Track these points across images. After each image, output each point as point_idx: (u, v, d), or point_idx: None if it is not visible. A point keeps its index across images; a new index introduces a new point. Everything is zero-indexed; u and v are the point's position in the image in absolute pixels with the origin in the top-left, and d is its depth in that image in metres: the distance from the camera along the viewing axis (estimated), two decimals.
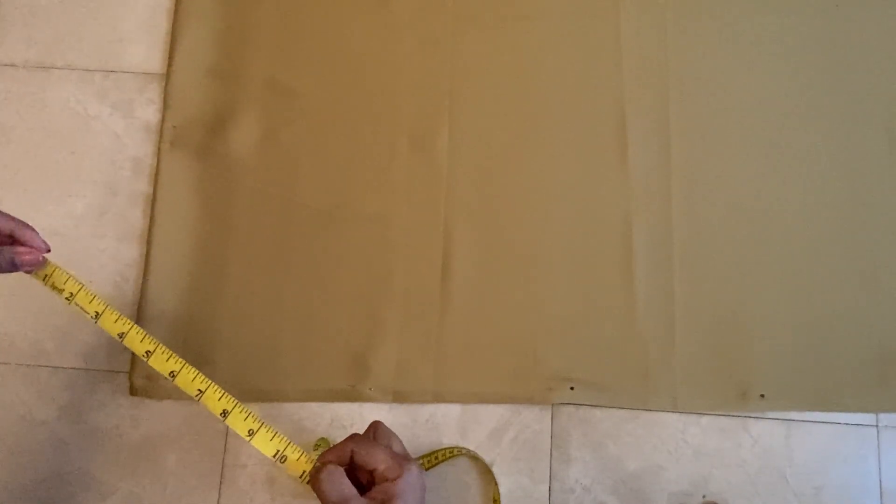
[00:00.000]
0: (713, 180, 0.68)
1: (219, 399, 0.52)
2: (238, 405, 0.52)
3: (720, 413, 0.65)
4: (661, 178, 0.68)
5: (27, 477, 0.64)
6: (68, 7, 0.73)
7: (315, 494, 0.46)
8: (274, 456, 0.50)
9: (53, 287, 0.52)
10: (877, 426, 0.65)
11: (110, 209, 0.69)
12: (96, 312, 0.52)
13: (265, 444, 0.51)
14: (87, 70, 0.72)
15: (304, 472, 0.50)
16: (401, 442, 0.49)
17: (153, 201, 0.68)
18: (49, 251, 0.50)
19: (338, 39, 0.71)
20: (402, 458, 0.46)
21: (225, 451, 0.64)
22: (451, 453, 0.63)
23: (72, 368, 0.66)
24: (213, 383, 0.52)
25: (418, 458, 0.63)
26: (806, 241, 0.67)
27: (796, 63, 0.71)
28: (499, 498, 0.62)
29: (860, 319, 0.66)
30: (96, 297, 0.53)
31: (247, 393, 0.64)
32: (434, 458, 0.63)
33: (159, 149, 0.69)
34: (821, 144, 0.69)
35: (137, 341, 0.53)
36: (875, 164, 0.69)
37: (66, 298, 0.52)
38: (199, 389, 0.52)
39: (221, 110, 0.70)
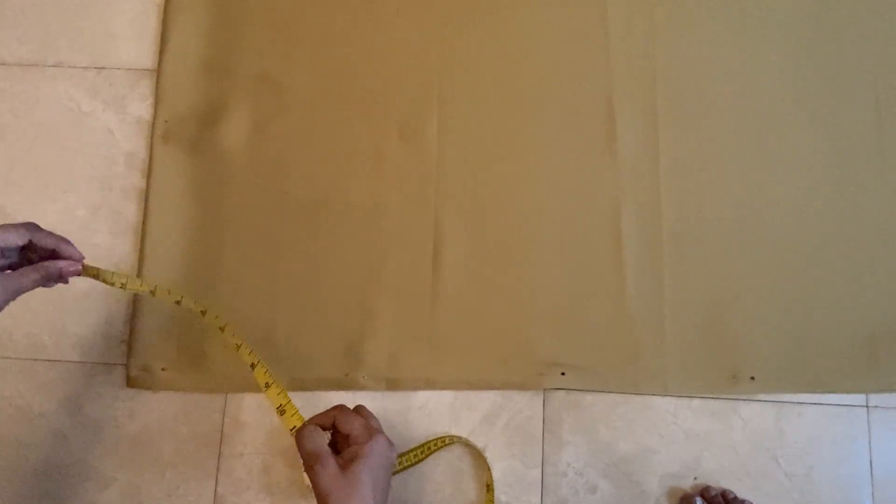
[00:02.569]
0: (701, 165, 0.69)
1: (249, 353, 0.61)
2: (257, 357, 0.61)
3: (711, 396, 0.65)
4: (650, 163, 0.69)
5: (27, 469, 0.65)
6: (59, 5, 0.73)
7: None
8: (277, 408, 0.59)
9: (105, 281, 0.55)
10: (867, 406, 0.65)
11: (104, 204, 0.69)
12: (150, 291, 0.60)
13: (274, 396, 0.60)
14: (79, 67, 0.72)
15: (294, 426, 0.57)
16: (379, 422, 0.55)
17: (146, 196, 0.69)
18: (83, 259, 0.53)
19: (326, 32, 0.72)
20: (375, 430, 0.52)
21: (221, 440, 0.65)
22: (444, 442, 0.64)
23: (69, 362, 0.67)
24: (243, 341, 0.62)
25: (410, 450, 0.63)
26: (795, 224, 0.68)
27: (784, 45, 0.71)
28: (492, 483, 0.63)
29: (849, 301, 0.66)
30: (144, 280, 0.64)
31: (241, 383, 0.65)
32: (427, 449, 0.64)
33: (152, 143, 0.70)
34: (809, 129, 0.69)
35: (197, 311, 0.63)
36: (864, 144, 0.69)
37: (121, 286, 0.57)
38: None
39: (213, 104, 0.70)
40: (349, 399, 0.66)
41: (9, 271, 0.50)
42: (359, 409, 0.55)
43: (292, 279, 0.67)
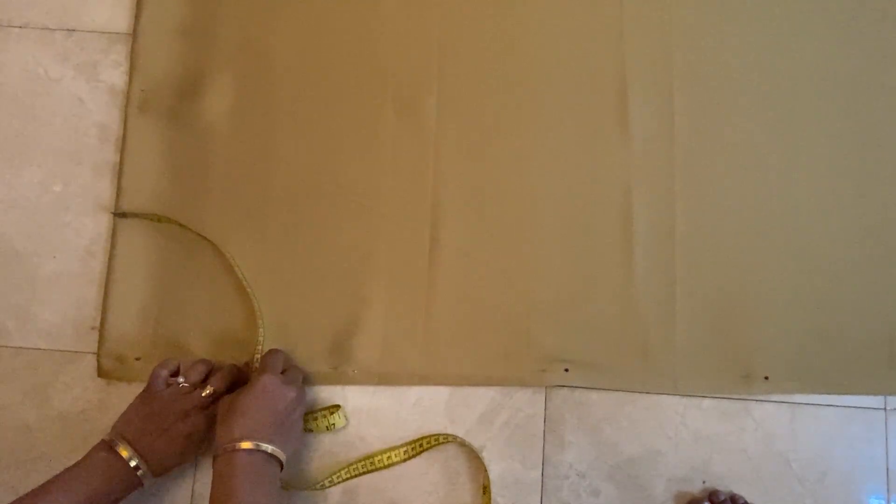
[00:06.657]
0: (718, 154, 0.65)
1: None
2: None
3: (722, 396, 0.62)
4: (664, 150, 0.64)
5: None
6: None
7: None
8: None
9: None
10: (885, 409, 0.62)
11: (74, 180, 0.65)
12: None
13: None
14: (47, 29, 0.67)
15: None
16: (296, 373, 0.60)
17: (120, 171, 0.64)
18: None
19: None
20: (270, 369, 0.57)
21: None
22: (437, 441, 0.60)
23: (35, 349, 0.62)
24: None
25: (401, 445, 0.60)
26: (814, 218, 0.64)
27: (808, 30, 0.66)
28: (489, 485, 0.60)
29: (868, 299, 0.63)
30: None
31: None
32: (419, 446, 0.60)
33: (126, 114, 0.65)
34: (831, 116, 0.65)
35: None
36: (886, 136, 0.65)
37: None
38: None
39: (193, 73, 0.65)
40: (338, 393, 0.62)
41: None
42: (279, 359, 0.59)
43: (278, 266, 0.63)
